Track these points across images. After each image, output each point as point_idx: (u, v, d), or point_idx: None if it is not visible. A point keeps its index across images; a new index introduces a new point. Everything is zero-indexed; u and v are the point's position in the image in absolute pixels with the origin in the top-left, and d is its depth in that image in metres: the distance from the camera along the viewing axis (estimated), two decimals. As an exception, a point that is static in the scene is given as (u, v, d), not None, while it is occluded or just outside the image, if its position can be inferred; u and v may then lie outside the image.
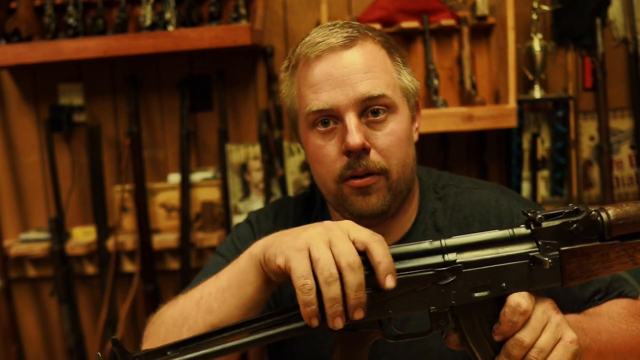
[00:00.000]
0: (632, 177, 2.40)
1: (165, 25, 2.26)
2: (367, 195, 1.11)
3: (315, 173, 1.18)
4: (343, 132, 1.09)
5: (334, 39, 1.11)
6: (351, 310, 0.83)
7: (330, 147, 1.11)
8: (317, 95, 1.10)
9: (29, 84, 2.52)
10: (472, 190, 1.25)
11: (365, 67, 1.11)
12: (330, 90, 1.09)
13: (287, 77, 1.20)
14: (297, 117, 1.19)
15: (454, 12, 2.30)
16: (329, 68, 1.10)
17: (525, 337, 0.85)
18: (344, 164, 1.10)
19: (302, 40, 1.17)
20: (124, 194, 2.43)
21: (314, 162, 1.16)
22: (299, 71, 1.16)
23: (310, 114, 1.11)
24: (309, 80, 1.12)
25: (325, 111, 1.10)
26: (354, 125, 1.08)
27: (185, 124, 2.41)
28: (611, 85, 2.37)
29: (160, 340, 1.01)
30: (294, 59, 1.17)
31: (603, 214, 0.87)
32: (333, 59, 1.11)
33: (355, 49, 1.12)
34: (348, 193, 1.12)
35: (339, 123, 1.11)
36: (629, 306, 1.12)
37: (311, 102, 1.11)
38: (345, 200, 1.13)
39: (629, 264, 0.88)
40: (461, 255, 0.88)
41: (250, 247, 0.97)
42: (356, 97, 1.09)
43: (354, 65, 1.10)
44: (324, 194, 1.19)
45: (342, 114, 1.09)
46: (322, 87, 1.10)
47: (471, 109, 2.15)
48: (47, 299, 2.56)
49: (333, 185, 1.13)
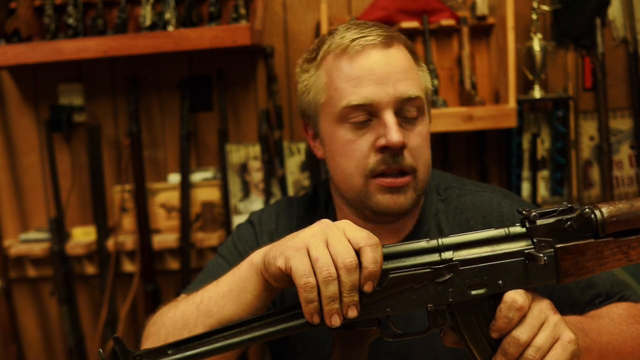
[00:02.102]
0: (632, 177, 2.40)
1: (165, 26, 2.26)
2: (396, 194, 1.12)
3: (338, 167, 1.16)
4: (379, 129, 1.10)
5: (374, 37, 1.12)
6: (345, 309, 0.84)
7: (362, 141, 1.12)
8: (357, 90, 1.10)
9: (29, 84, 2.52)
10: (475, 193, 1.26)
11: (403, 67, 1.13)
12: (371, 86, 1.10)
13: (312, 68, 1.18)
14: (320, 110, 1.17)
15: (453, 12, 2.30)
16: (371, 63, 1.11)
17: (521, 334, 0.86)
18: (378, 160, 1.11)
19: (330, 33, 1.17)
20: (124, 194, 2.43)
21: (339, 155, 1.15)
22: (330, 63, 1.15)
23: (348, 107, 1.11)
24: (348, 73, 1.12)
25: (365, 106, 1.10)
26: (394, 122, 1.09)
27: (185, 124, 2.41)
28: (611, 85, 2.37)
29: (161, 342, 1.01)
30: (323, 50, 1.16)
31: (597, 211, 0.87)
32: (375, 56, 1.11)
33: (393, 49, 1.13)
34: (375, 190, 1.12)
35: (373, 118, 1.11)
36: (630, 308, 1.13)
37: (349, 96, 1.11)
38: (370, 197, 1.13)
39: (623, 260, 0.88)
40: (458, 253, 0.88)
41: (250, 255, 0.98)
42: (396, 96, 1.10)
43: (395, 65, 1.12)
44: (343, 190, 1.18)
45: (381, 110, 1.10)
46: (363, 82, 1.10)
47: (471, 109, 2.15)
48: (47, 299, 2.56)
49: (360, 181, 1.13)
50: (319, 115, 1.18)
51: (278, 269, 0.88)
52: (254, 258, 0.97)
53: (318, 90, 1.17)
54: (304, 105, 1.21)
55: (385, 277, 0.87)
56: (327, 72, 1.15)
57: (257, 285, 0.95)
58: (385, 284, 0.87)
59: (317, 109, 1.18)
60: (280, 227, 1.29)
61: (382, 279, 0.87)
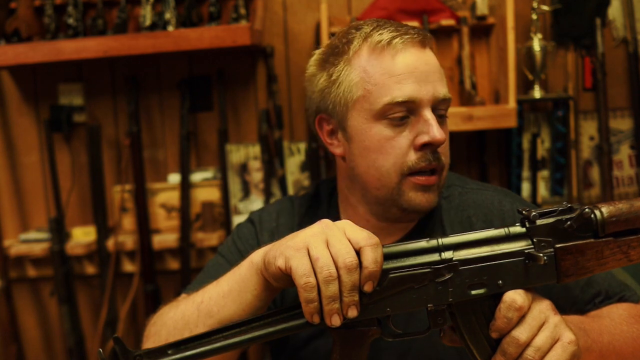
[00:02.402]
0: (632, 177, 2.40)
1: (165, 26, 2.26)
2: (427, 192, 1.13)
3: (371, 164, 1.14)
4: (417, 126, 1.11)
5: (413, 35, 1.13)
6: (345, 308, 0.85)
7: (401, 139, 1.12)
8: (401, 87, 1.10)
9: (29, 84, 2.52)
10: (477, 191, 1.26)
11: (438, 68, 1.15)
12: (414, 84, 1.10)
13: (342, 62, 1.15)
14: (352, 105, 1.15)
15: (453, 12, 2.30)
16: (414, 61, 1.12)
17: (521, 334, 0.86)
18: (418, 157, 1.11)
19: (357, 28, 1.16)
20: (124, 194, 2.43)
21: (374, 152, 1.13)
22: (366, 58, 1.13)
23: (391, 104, 1.11)
24: (390, 69, 1.11)
25: (407, 103, 1.11)
26: (435, 120, 1.11)
27: (185, 124, 2.41)
28: (611, 85, 2.37)
29: (162, 342, 1.01)
30: (355, 44, 1.14)
31: (596, 211, 0.87)
32: (416, 54, 1.12)
33: (428, 48, 1.15)
34: (408, 188, 1.13)
35: (410, 116, 1.12)
36: (630, 309, 1.13)
37: (393, 92, 1.10)
38: (403, 195, 1.13)
39: (623, 260, 0.88)
40: (457, 253, 0.88)
41: (251, 255, 0.98)
42: (436, 96, 1.12)
43: (433, 65, 1.14)
44: (372, 187, 1.16)
45: (422, 108, 1.11)
46: (407, 79, 1.11)
47: (471, 109, 2.15)
48: (47, 299, 2.56)
49: (396, 178, 1.13)
50: (350, 111, 1.15)
51: (278, 268, 0.88)
52: (254, 258, 0.97)
53: (351, 85, 1.14)
54: (330, 99, 1.18)
55: (386, 277, 0.87)
56: (362, 67, 1.13)
57: (257, 285, 0.96)
58: (386, 283, 0.87)
59: (349, 104, 1.15)
60: (281, 225, 1.28)
61: (382, 279, 0.87)
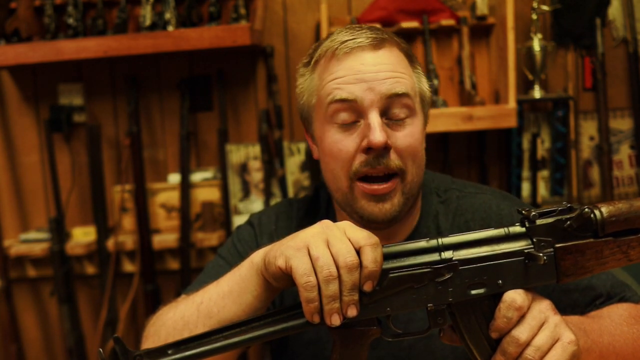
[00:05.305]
0: (632, 177, 2.40)
1: (165, 26, 2.26)
2: (381, 202, 1.11)
3: (327, 169, 1.16)
4: (365, 129, 1.09)
5: (364, 39, 1.12)
6: (345, 308, 0.84)
7: (348, 142, 1.11)
8: (343, 86, 1.10)
9: (29, 84, 2.52)
10: (474, 195, 1.26)
11: (392, 67, 1.12)
12: (357, 84, 1.10)
13: (307, 72, 1.19)
14: (312, 112, 1.18)
15: (453, 12, 2.30)
16: (357, 65, 1.11)
17: (520, 334, 0.85)
18: (362, 161, 1.10)
19: (326, 38, 1.18)
20: (124, 194, 2.43)
21: (327, 156, 1.15)
22: (322, 66, 1.16)
23: (333, 102, 1.11)
24: (335, 73, 1.12)
25: (349, 102, 1.10)
26: (378, 123, 1.08)
27: (185, 124, 2.41)
28: (611, 85, 2.37)
29: (161, 342, 1.01)
30: (317, 54, 1.17)
31: (596, 211, 0.87)
32: (362, 57, 1.12)
33: (383, 50, 1.13)
34: (360, 195, 1.11)
35: (361, 120, 1.11)
36: (631, 309, 1.12)
37: (334, 91, 1.11)
38: (356, 202, 1.12)
39: (623, 260, 0.88)
40: (457, 253, 0.88)
41: (251, 256, 0.98)
42: (381, 93, 1.09)
43: (382, 65, 1.12)
44: (333, 192, 1.18)
45: (366, 110, 1.09)
46: (349, 80, 1.10)
47: (471, 109, 2.15)
48: (47, 299, 2.56)
49: (345, 182, 1.12)
50: (312, 117, 1.19)
51: (278, 268, 0.88)
52: (254, 258, 0.97)
53: (311, 93, 1.18)
54: (302, 108, 1.22)
55: (385, 276, 0.87)
56: (318, 75, 1.16)
57: (257, 286, 0.96)
58: (385, 283, 0.87)
59: (310, 111, 1.19)
60: (280, 228, 1.29)
61: (382, 279, 0.87)
